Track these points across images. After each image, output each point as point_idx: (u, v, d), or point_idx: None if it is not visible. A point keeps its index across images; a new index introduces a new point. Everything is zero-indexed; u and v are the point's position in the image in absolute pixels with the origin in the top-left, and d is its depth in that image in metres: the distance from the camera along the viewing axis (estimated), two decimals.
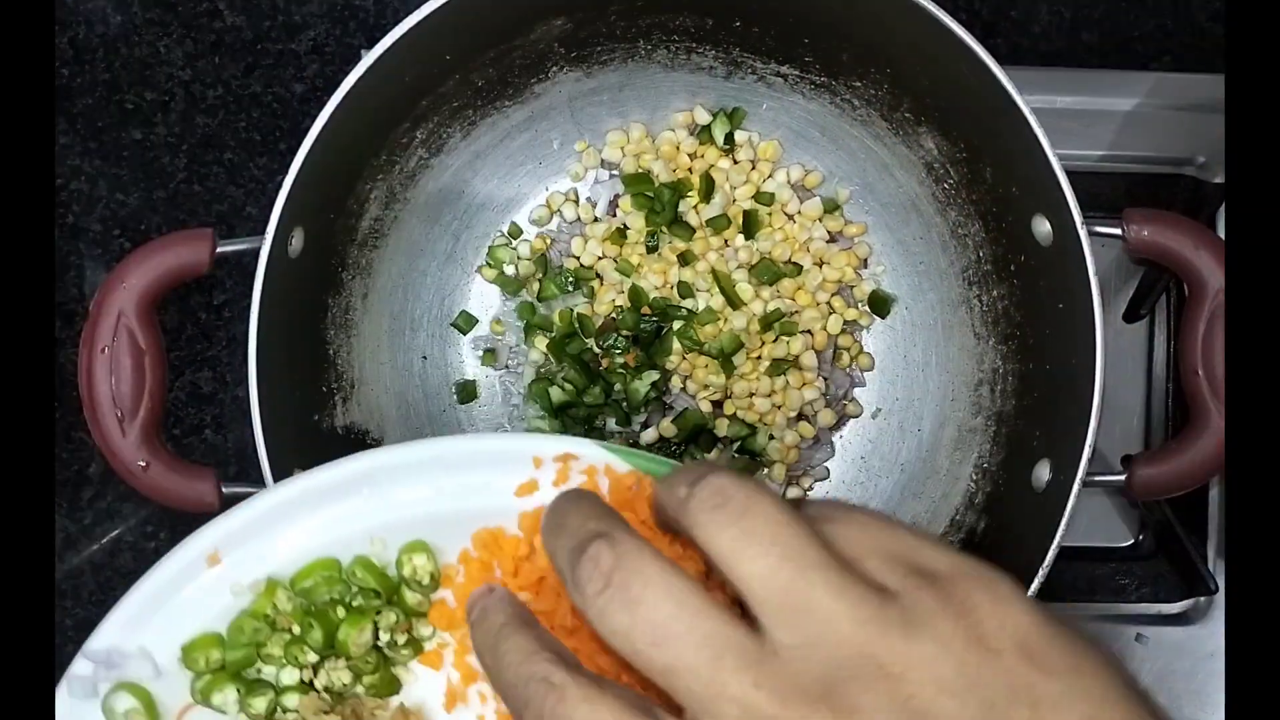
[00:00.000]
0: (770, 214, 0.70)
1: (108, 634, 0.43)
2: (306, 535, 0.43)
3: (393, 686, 0.44)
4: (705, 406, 0.69)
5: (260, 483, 0.56)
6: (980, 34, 0.56)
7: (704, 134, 0.70)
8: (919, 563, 0.31)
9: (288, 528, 0.43)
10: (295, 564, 0.43)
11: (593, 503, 0.36)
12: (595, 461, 0.42)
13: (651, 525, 0.38)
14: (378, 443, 0.67)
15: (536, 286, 0.70)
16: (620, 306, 0.69)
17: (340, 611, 0.44)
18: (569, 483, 0.42)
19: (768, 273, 0.69)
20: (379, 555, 0.44)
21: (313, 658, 0.44)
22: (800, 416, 0.70)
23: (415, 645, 0.44)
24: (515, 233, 0.71)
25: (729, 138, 0.70)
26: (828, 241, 0.70)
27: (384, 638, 0.44)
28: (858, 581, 0.30)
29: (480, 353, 0.71)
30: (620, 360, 0.69)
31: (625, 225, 0.70)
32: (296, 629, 0.44)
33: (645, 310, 0.69)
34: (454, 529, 0.43)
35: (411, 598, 0.44)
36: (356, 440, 0.66)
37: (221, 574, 0.43)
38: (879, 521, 0.33)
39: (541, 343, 0.70)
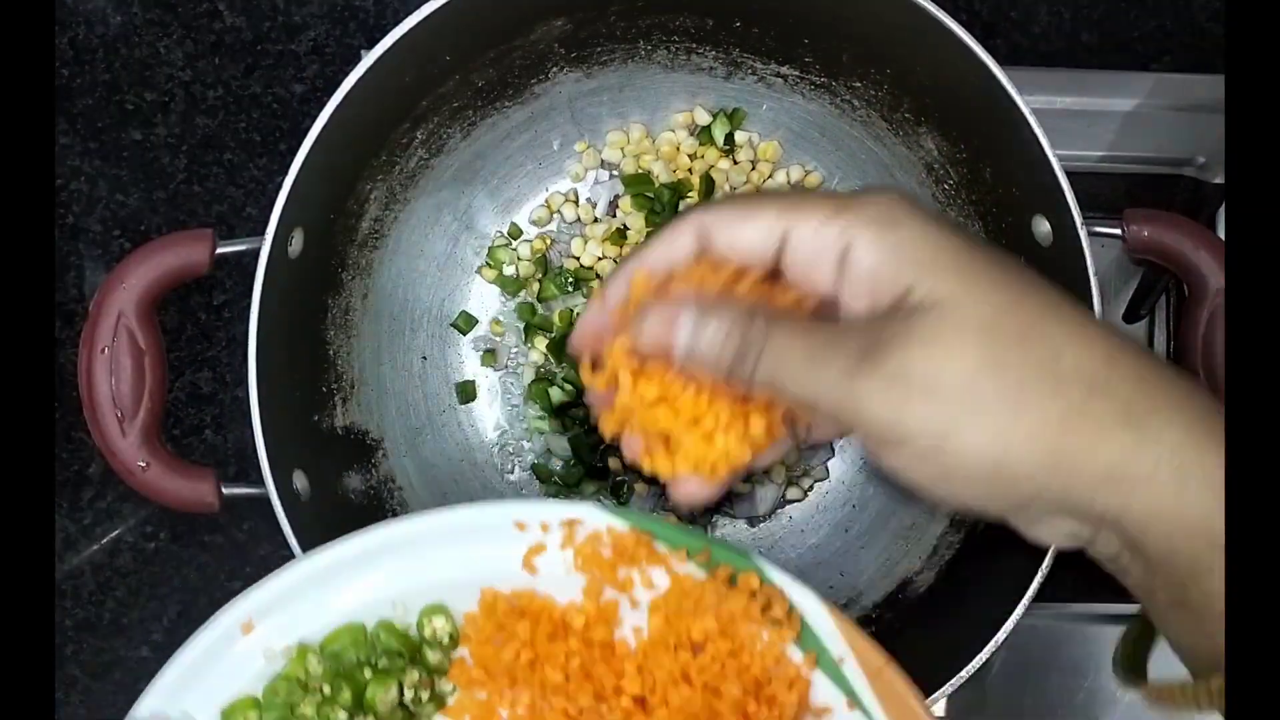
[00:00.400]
0: None
1: (152, 701, 0.46)
2: (333, 602, 0.46)
3: None
4: None
5: (260, 483, 0.56)
6: (980, 34, 0.57)
7: (704, 135, 0.70)
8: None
9: (315, 596, 0.46)
10: (324, 629, 0.46)
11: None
12: (598, 524, 0.45)
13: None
14: (377, 443, 0.67)
15: (536, 287, 0.70)
16: None
17: (367, 672, 0.46)
18: (574, 544, 0.45)
19: None
20: (401, 618, 0.47)
21: (343, 716, 0.46)
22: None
23: (438, 701, 0.47)
24: (515, 233, 0.71)
25: (729, 138, 0.70)
26: None
27: (409, 695, 0.46)
28: None
29: (480, 353, 0.71)
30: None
31: (625, 226, 0.70)
32: (327, 689, 0.46)
33: None
34: (470, 591, 0.46)
35: (433, 657, 0.46)
36: (356, 440, 0.66)
37: (256, 640, 0.46)
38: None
39: (541, 343, 0.70)
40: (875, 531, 0.69)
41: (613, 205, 0.71)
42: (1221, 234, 0.66)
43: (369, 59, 0.56)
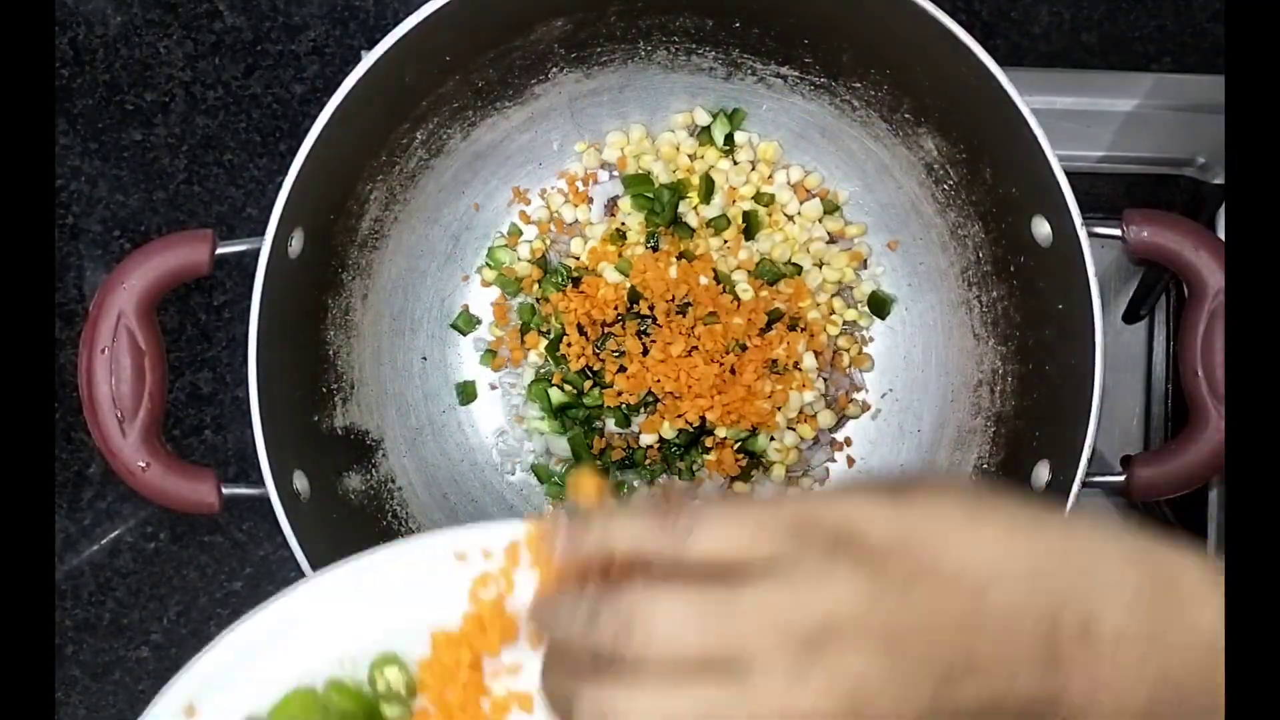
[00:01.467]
0: (770, 215, 0.70)
1: None
2: (276, 670, 0.43)
3: None
4: None
5: (260, 483, 0.56)
6: (980, 35, 0.57)
7: (704, 135, 0.70)
8: (796, 521, 0.35)
9: (257, 666, 0.43)
10: (271, 700, 0.43)
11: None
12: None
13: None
14: (377, 443, 0.67)
15: (536, 287, 0.70)
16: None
17: None
18: (520, 567, 0.43)
19: (768, 273, 0.69)
20: (351, 675, 0.44)
21: None
22: (800, 417, 0.70)
23: None
24: (515, 233, 0.71)
25: (729, 139, 0.70)
26: (828, 242, 0.70)
27: None
28: (763, 580, 0.34)
29: (480, 353, 0.71)
30: (620, 361, 0.69)
31: (625, 225, 0.70)
32: None
33: (645, 311, 0.69)
34: (420, 635, 0.43)
35: (391, 711, 0.44)
36: (356, 441, 0.66)
37: None
38: (728, 516, 0.36)
39: (541, 343, 0.70)
40: None
41: (612, 205, 0.71)
42: (1221, 234, 0.66)
43: (369, 59, 0.56)
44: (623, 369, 0.68)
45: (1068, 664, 0.34)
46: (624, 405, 0.68)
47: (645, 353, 0.68)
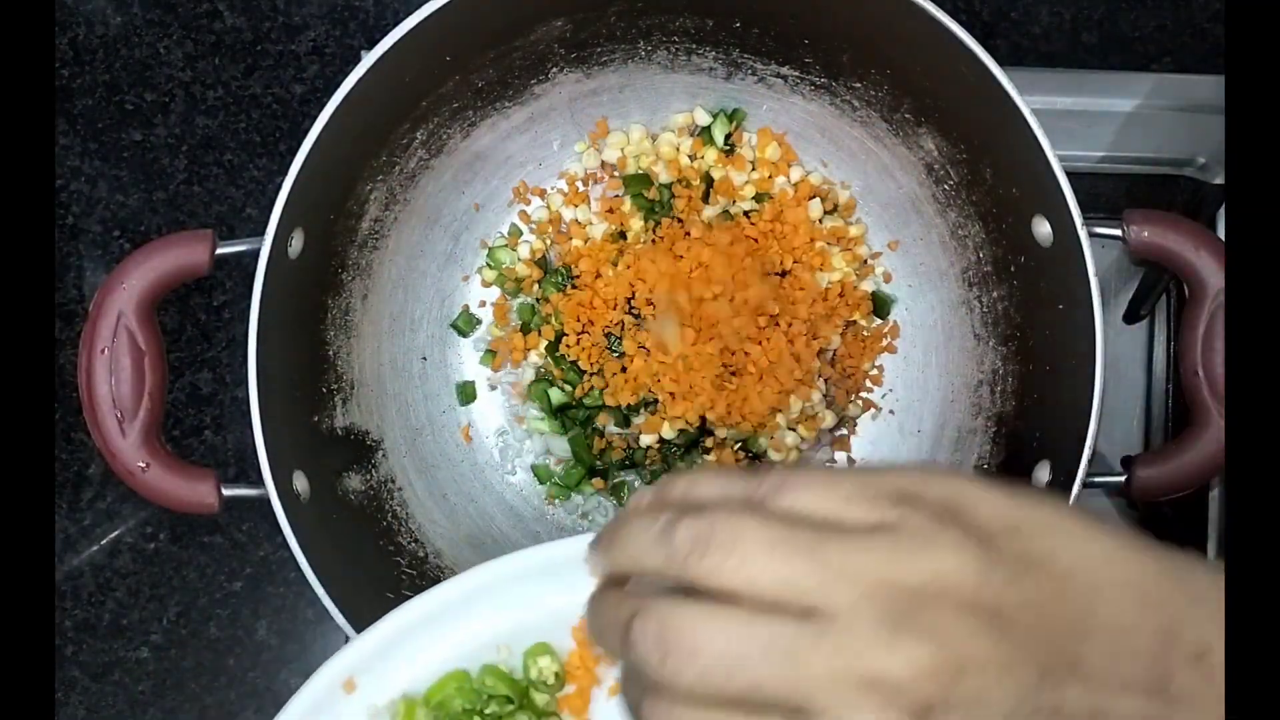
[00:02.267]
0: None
1: None
2: (435, 651, 0.45)
3: None
4: None
5: (260, 484, 0.56)
6: (980, 35, 0.57)
7: (704, 135, 0.70)
8: (899, 489, 0.34)
9: (416, 646, 0.45)
10: (427, 680, 0.45)
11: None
12: None
13: None
14: (377, 443, 0.67)
15: (536, 287, 0.70)
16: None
17: None
18: None
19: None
20: (505, 661, 0.45)
21: None
22: (800, 417, 0.70)
23: None
24: (515, 233, 0.71)
25: (729, 139, 0.70)
26: (828, 243, 0.70)
27: None
28: (858, 534, 0.33)
29: (480, 353, 0.71)
30: (620, 361, 0.69)
31: (625, 225, 0.70)
32: None
33: (645, 311, 0.69)
34: (573, 627, 0.45)
35: (540, 698, 0.45)
36: (356, 441, 0.66)
37: (358, 698, 0.44)
38: (827, 477, 0.35)
39: (541, 344, 0.70)
40: None
41: (612, 206, 0.71)
42: (1221, 234, 0.66)
43: (369, 59, 0.56)
44: (623, 369, 0.68)
45: (1177, 691, 0.33)
46: (624, 405, 0.68)
47: (646, 352, 0.68)
